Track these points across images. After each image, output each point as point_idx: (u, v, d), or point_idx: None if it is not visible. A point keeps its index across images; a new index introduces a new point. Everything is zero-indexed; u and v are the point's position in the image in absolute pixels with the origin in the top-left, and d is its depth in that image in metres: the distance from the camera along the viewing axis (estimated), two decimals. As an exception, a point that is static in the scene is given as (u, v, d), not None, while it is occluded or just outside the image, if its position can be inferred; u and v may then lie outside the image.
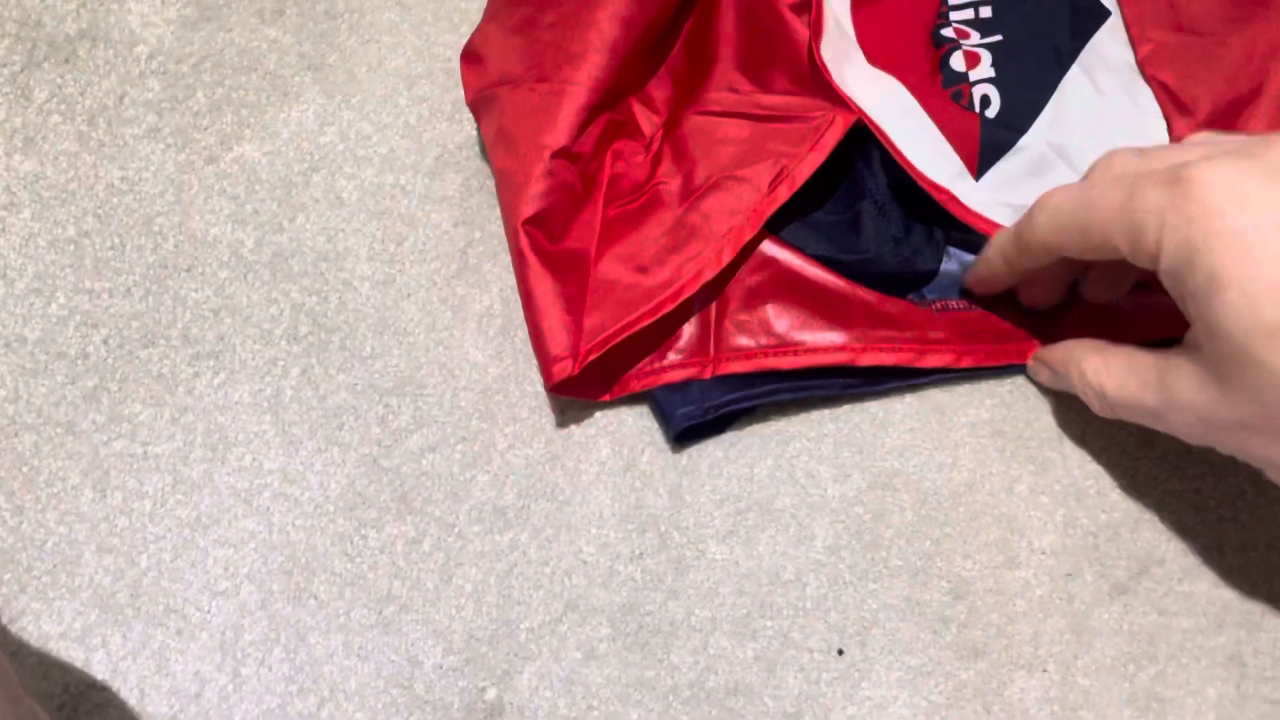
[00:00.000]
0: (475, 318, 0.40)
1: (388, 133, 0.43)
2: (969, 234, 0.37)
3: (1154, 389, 0.30)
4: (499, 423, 0.39)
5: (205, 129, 0.44)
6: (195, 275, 0.42)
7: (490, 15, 0.39)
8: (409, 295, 0.41)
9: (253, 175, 0.43)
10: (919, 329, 0.35)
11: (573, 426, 0.39)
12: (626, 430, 0.38)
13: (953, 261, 0.38)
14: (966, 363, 0.36)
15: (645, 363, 0.37)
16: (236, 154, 0.43)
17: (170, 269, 0.42)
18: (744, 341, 0.36)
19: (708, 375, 0.36)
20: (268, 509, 0.38)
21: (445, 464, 0.38)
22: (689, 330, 0.36)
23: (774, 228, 0.36)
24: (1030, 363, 0.37)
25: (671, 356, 0.37)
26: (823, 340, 0.35)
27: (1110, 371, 0.31)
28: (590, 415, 0.39)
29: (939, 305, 0.37)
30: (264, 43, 0.45)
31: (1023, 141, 0.37)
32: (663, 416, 0.37)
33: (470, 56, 0.39)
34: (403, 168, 0.43)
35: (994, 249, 0.35)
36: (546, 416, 0.39)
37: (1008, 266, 0.35)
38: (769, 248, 0.36)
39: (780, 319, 0.36)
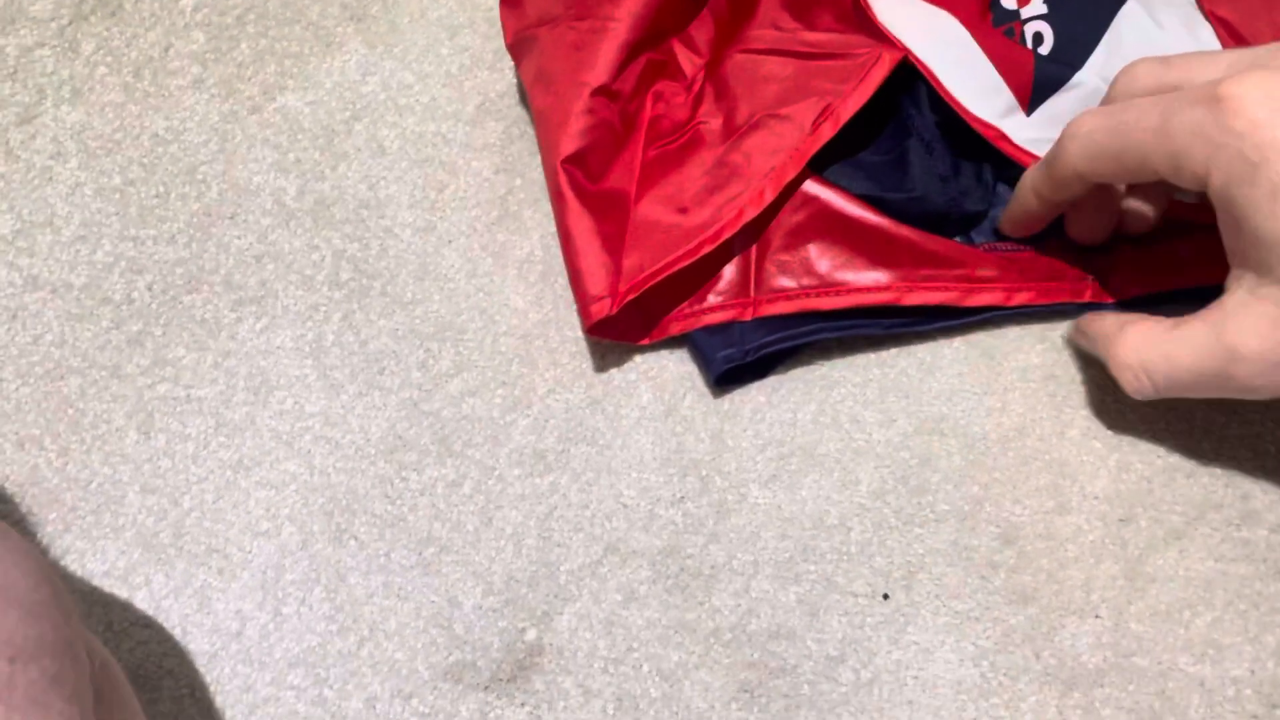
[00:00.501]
0: (516, 264, 0.40)
1: (429, 81, 0.43)
2: (1019, 173, 0.36)
3: (1208, 350, 0.28)
4: (539, 367, 0.39)
5: (249, 79, 0.44)
6: (238, 223, 0.42)
7: (530, -40, 0.39)
8: (450, 242, 0.41)
9: (295, 124, 0.43)
10: (966, 267, 0.35)
11: (613, 371, 0.38)
12: (668, 375, 0.38)
13: (1000, 204, 0.37)
14: (1017, 300, 0.35)
15: (685, 305, 0.36)
16: (280, 104, 0.43)
17: (214, 216, 0.42)
18: (785, 282, 0.35)
19: (748, 317, 0.35)
20: (309, 451, 0.38)
21: (485, 408, 0.38)
22: (729, 272, 0.36)
23: (817, 167, 0.36)
24: (1073, 331, 0.35)
25: (711, 299, 0.36)
26: (866, 280, 0.35)
27: (1154, 346, 0.30)
28: (631, 360, 0.38)
29: (987, 246, 0.36)
30: (306, -5, 0.45)
31: (1077, 78, 0.36)
32: (702, 359, 0.36)
33: (509, 1, 0.39)
34: (444, 116, 0.43)
35: (1025, 186, 0.34)
36: (587, 362, 0.38)
37: (1041, 202, 0.34)
38: (811, 187, 0.35)
39: (822, 259, 0.35)
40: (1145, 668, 0.33)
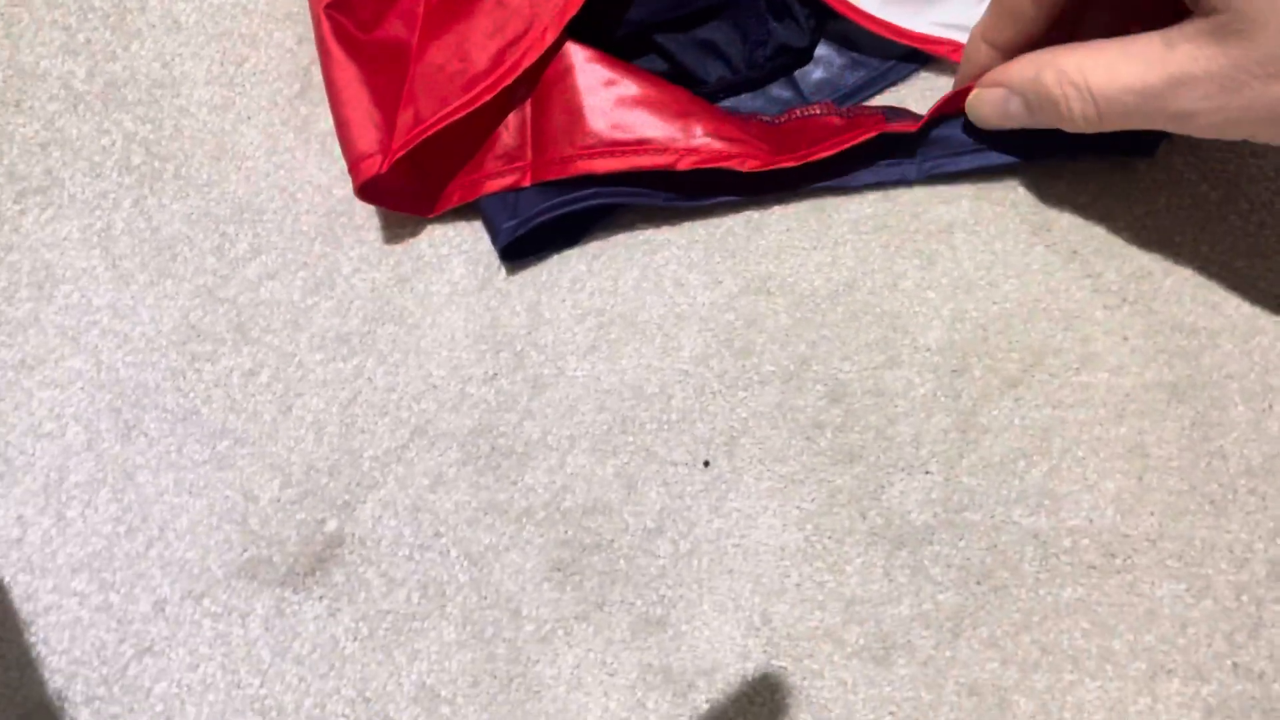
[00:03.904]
0: (319, 138, 0.37)
1: (229, -49, 0.40)
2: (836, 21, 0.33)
3: (1157, 64, 0.26)
4: (344, 246, 0.36)
5: (35, -41, 0.40)
6: (23, 110, 0.38)
7: None
8: (249, 119, 0.38)
9: (86, 4, 0.40)
10: (749, 142, 0.32)
11: (424, 247, 0.35)
12: (483, 248, 0.35)
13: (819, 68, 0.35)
14: (782, 163, 0.32)
15: (463, 173, 0.33)
16: (68, -17, 0.40)
17: (-4, 105, 0.38)
18: (563, 144, 0.32)
19: (527, 182, 0.33)
20: (96, 346, 0.35)
21: (285, 291, 0.35)
22: (506, 136, 0.33)
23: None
24: (974, 93, 0.31)
25: (490, 164, 0.33)
26: (641, 140, 0.31)
27: (1097, 61, 0.27)
28: (444, 234, 0.35)
29: (796, 113, 0.33)
30: None
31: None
32: (491, 232, 0.34)
33: None
34: (244, -14, 0.39)
35: (973, 39, 0.31)
36: (395, 238, 0.36)
37: (992, 49, 0.30)
38: (575, 50, 0.32)
39: (598, 119, 0.32)
40: (977, 522, 0.31)
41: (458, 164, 0.33)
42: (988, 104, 0.30)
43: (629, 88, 0.31)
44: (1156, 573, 0.30)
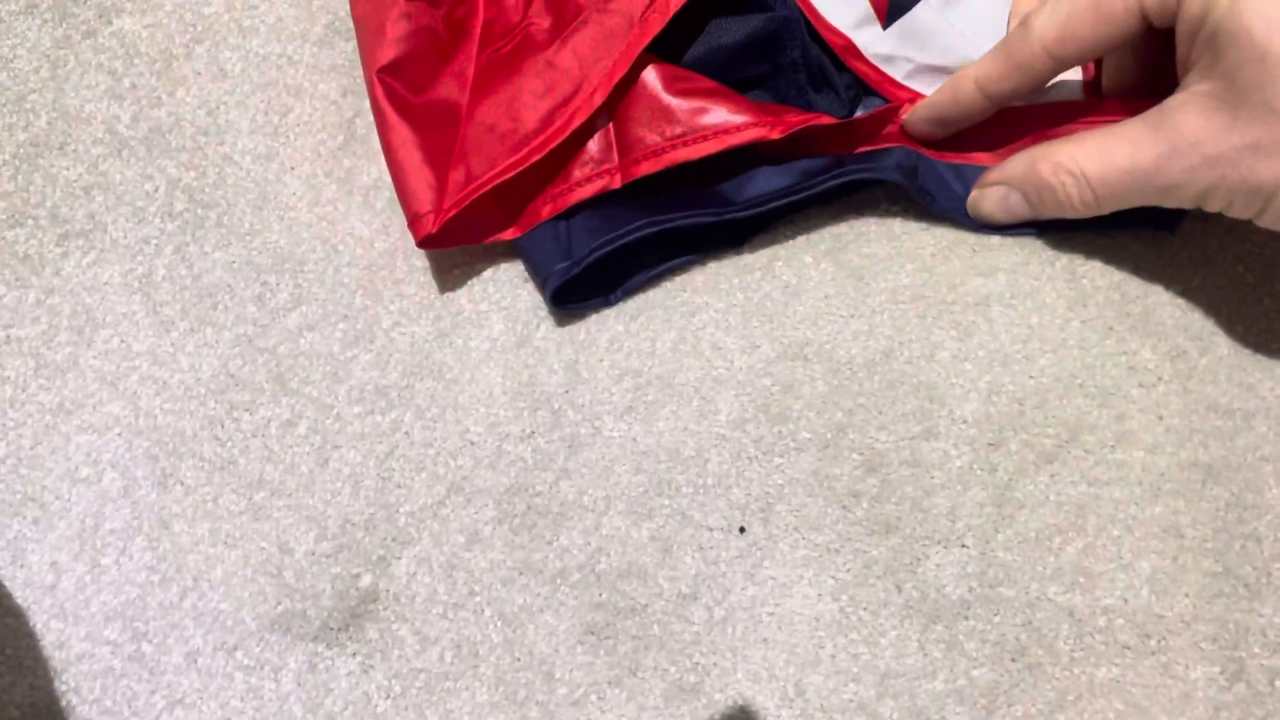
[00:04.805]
0: (361, 190, 0.37)
1: (275, 1, 0.40)
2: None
3: (1145, 144, 0.28)
4: (384, 299, 0.36)
5: (84, 2, 0.41)
6: (67, 153, 0.39)
7: None
8: (292, 169, 0.38)
9: (132, 49, 0.40)
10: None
11: (463, 302, 0.36)
12: (521, 305, 0.36)
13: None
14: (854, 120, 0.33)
15: (550, 187, 0.33)
16: (116, 27, 0.40)
17: (41, 147, 0.39)
18: (650, 140, 0.32)
19: (618, 184, 0.32)
20: (135, 393, 0.35)
21: (325, 343, 0.36)
22: (591, 145, 0.33)
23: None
24: (975, 193, 0.33)
25: (576, 173, 0.33)
26: (732, 120, 0.32)
27: (1088, 149, 0.29)
28: (483, 289, 0.36)
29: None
30: (148, -87, 0.42)
31: (924, 3, 0.34)
32: (538, 277, 0.34)
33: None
34: (290, 36, 0.40)
35: (965, 78, 0.32)
36: (435, 292, 0.36)
37: (984, 99, 0.32)
38: (644, 61, 0.33)
39: (683, 108, 0.32)
40: (1012, 598, 0.31)
41: (543, 182, 0.33)
42: (989, 201, 0.32)
43: (703, 83, 0.32)
44: (1191, 655, 0.30)
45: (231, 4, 0.40)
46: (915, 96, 0.34)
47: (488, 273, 0.36)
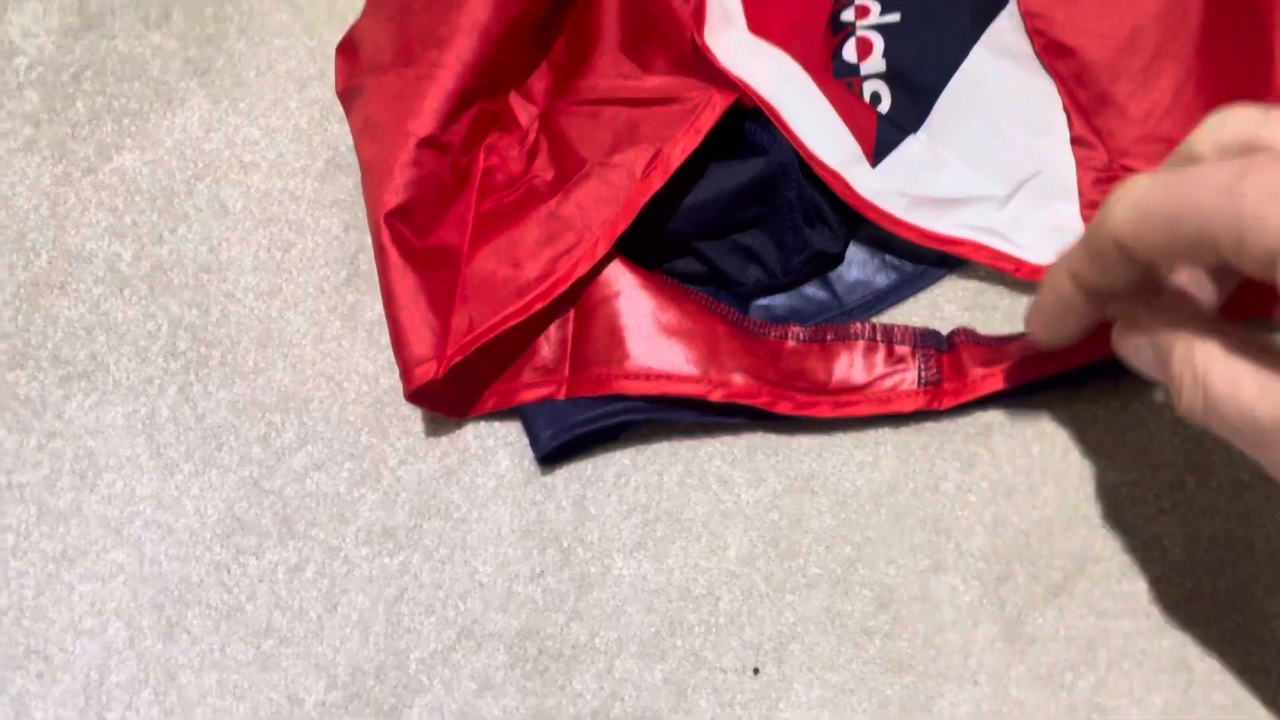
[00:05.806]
0: (366, 326, 0.38)
1: (277, 137, 0.41)
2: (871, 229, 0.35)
3: (1275, 396, 0.23)
4: (390, 437, 0.36)
5: (84, 139, 0.41)
6: (68, 292, 0.39)
7: (370, 7, 0.37)
8: (295, 305, 0.38)
9: (132, 186, 0.40)
10: (781, 376, 0.33)
11: (470, 439, 0.36)
12: (527, 441, 0.36)
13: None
14: (816, 412, 0.33)
15: (500, 381, 0.34)
16: (116, 164, 0.41)
17: (42, 286, 0.39)
18: (600, 364, 0.33)
19: (562, 396, 0.33)
20: (139, 539, 0.35)
21: (331, 483, 0.36)
22: (545, 349, 0.34)
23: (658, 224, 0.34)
24: (1120, 329, 0.27)
25: (527, 375, 0.34)
26: (676, 369, 0.33)
27: (1228, 363, 0.24)
28: (489, 426, 0.36)
29: (830, 333, 0.34)
30: (148, 49, 0.43)
31: (914, 138, 0.35)
32: (532, 437, 0.34)
33: (345, 48, 0.37)
34: (291, 172, 0.40)
35: (1057, 268, 0.27)
36: (441, 429, 0.36)
37: (1077, 287, 0.27)
38: (617, 269, 0.34)
39: (638, 344, 0.33)
40: (1027, 737, 0.31)
41: (495, 371, 0.34)
42: (1125, 346, 0.28)
43: (670, 317, 0.33)
44: (1206, 791, 0.30)
45: (232, 140, 0.41)
46: (914, 229, 0.35)
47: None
